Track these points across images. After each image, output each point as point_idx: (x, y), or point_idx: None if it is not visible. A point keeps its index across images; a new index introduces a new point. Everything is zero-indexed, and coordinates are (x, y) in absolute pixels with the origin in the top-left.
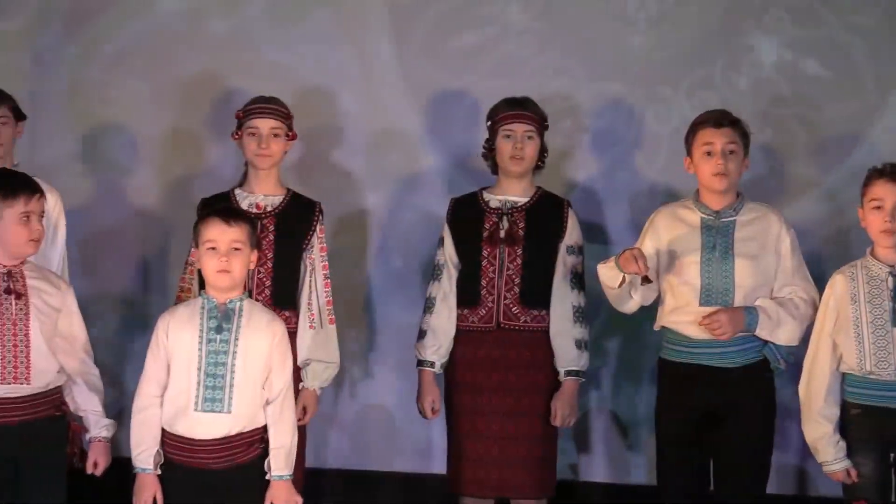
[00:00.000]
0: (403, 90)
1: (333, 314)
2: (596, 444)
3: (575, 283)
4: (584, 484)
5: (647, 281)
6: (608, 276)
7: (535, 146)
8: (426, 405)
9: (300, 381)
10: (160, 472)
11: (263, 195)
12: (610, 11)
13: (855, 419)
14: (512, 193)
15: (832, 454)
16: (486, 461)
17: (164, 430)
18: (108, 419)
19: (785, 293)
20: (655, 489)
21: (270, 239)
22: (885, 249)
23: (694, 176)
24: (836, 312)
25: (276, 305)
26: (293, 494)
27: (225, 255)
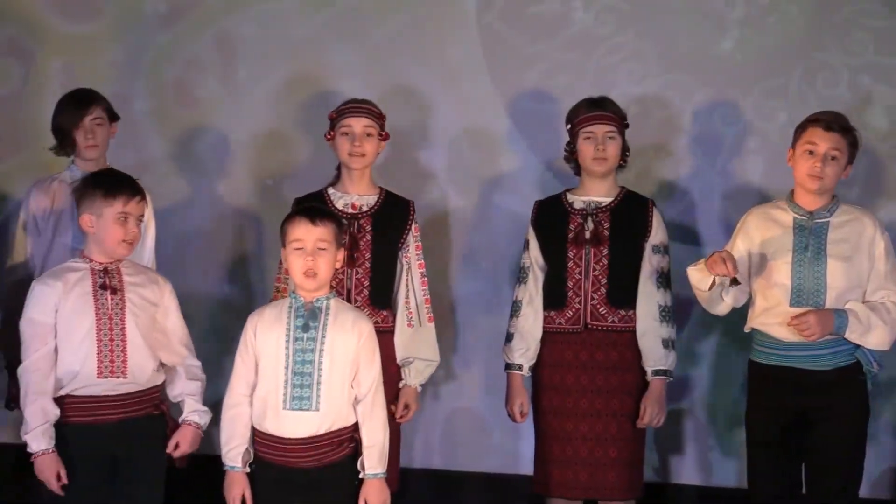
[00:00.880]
0: (489, 91)
1: (431, 312)
2: (686, 445)
3: (661, 282)
4: (673, 486)
5: (735, 283)
6: (698, 278)
7: (616, 146)
8: (515, 408)
9: (400, 379)
10: (250, 469)
11: (358, 195)
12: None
13: None
14: (596, 194)
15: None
16: (574, 462)
17: (253, 428)
18: (202, 406)
19: (877, 297)
20: (746, 492)
21: (368, 239)
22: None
23: (785, 178)
24: None
25: (373, 305)
26: (386, 493)
27: (311, 254)
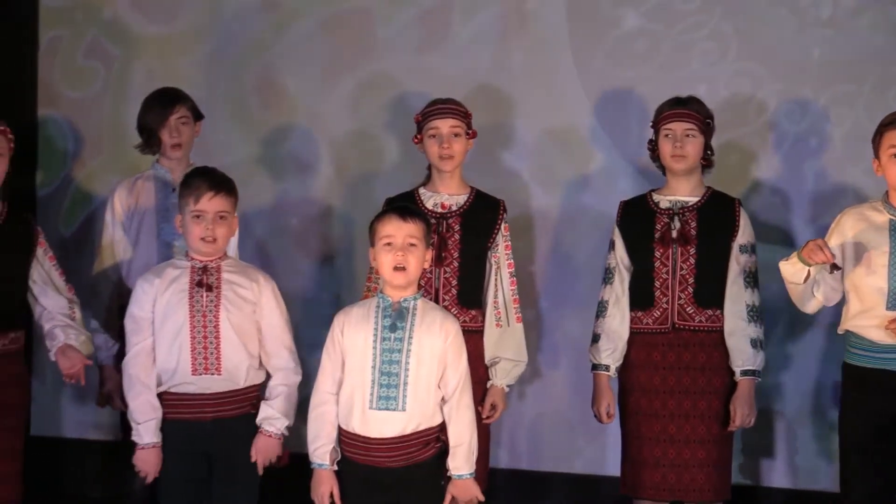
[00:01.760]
0: (575, 90)
1: (520, 312)
2: (776, 447)
3: (749, 281)
4: (763, 489)
5: (835, 268)
6: (791, 271)
7: (696, 144)
8: (601, 409)
9: (489, 379)
10: (337, 468)
11: (448, 195)
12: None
13: None
14: (681, 193)
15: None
16: (662, 464)
17: (340, 427)
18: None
19: None
20: (837, 496)
21: (456, 238)
22: None
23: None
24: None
25: (461, 304)
26: (475, 492)
27: (401, 249)
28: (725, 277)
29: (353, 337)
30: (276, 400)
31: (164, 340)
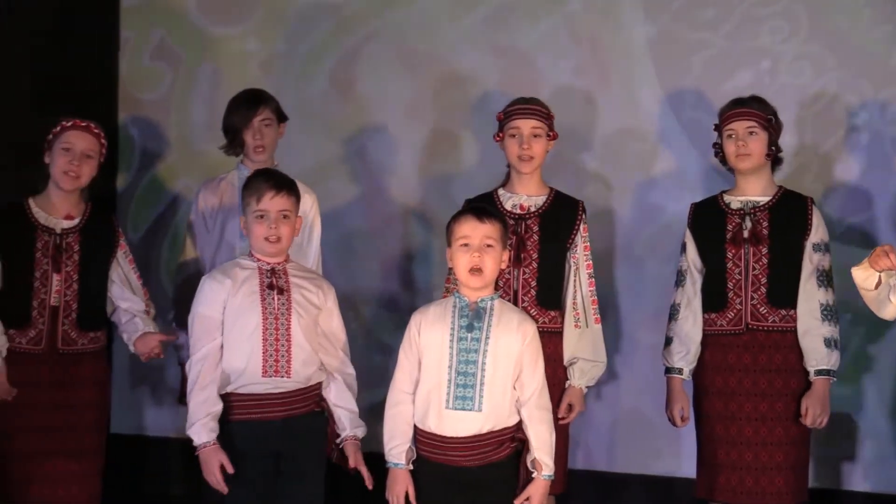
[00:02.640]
0: (649, 92)
1: (598, 313)
2: (856, 450)
3: (822, 280)
4: (843, 492)
5: None
6: (862, 277)
7: (759, 142)
8: (675, 413)
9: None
10: (413, 467)
11: (527, 195)
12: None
13: None
14: (751, 193)
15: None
16: (738, 467)
17: (416, 426)
18: (359, 420)
19: None
20: None
21: (535, 239)
22: None
23: None
24: None
25: (540, 305)
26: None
27: (477, 250)
28: (799, 277)
29: (429, 336)
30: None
31: (234, 342)
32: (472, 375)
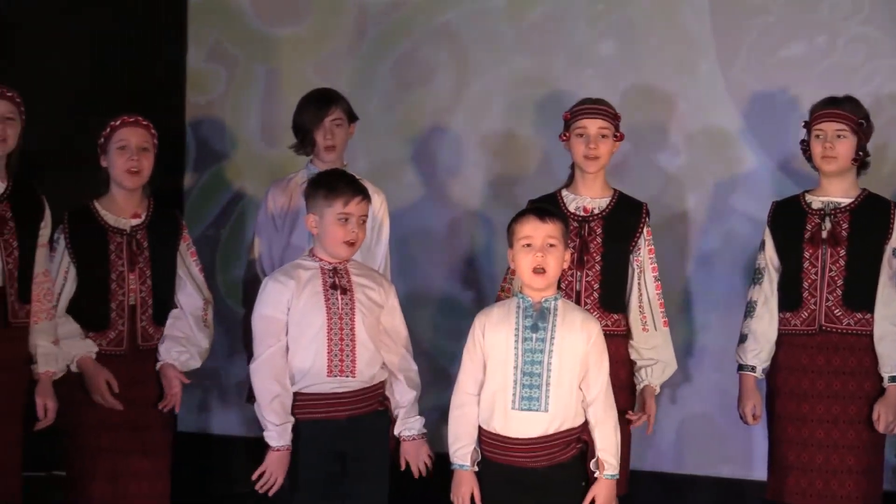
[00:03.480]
0: (726, 89)
1: (666, 316)
2: None
3: None
4: None
5: None
6: None
7: (847, 145)
8: (747, 410)
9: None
10: (477, 468)
11: (590, 197)
12: None
13: None
14: (834, 194)
15: None
16: (809, 469)
17: (481, 427)
18: (419, 416)
19: None
20: None
21: (598, 242)
22: None
23: None
24: None
25: (603, 308)
26: (614, 495)
27: (540, 250)
28: (876, 280)
29: (494, 337)
30: (416, 406)
31: (299, 342)
32: (537, 376)
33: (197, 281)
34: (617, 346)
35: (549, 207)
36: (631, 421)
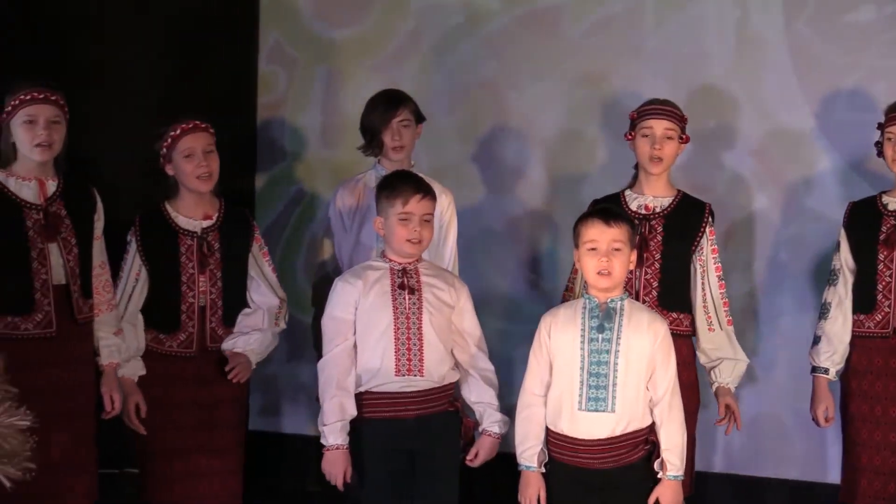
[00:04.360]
0: (798, 90)
1: (730, 315)
2: None
3: None
4: None
5: None
6: None
7: None
8: (819, 413)
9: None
10: (545, 470)
11: (653, 196)
12: None
13: None
14: None
15: None
16: (882, 472)
17: (548, 428)
18: (501, 414)
19: None
20: None
21: (658, 240)
22: None
23: None
24: None
25: (662, 307)
26: (681, 496)
27: (605, 254)
28: None
29: (560, 338)
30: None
31: (367, 342)
32: (604, 376)
33: (270, 281)
34: (678, 346)
35: (615, 209)
36: (696, 421)
